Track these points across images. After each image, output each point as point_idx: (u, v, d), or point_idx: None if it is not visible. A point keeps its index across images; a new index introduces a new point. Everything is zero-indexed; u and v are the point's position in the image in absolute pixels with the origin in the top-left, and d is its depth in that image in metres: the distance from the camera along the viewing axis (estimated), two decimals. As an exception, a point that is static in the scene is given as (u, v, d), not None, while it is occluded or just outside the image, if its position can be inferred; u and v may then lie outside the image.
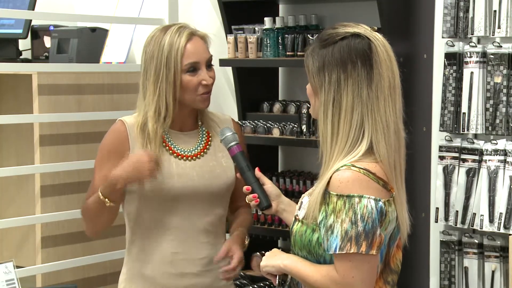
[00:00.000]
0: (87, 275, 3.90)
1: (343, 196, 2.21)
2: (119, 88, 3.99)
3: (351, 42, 2.29)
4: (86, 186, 2.89)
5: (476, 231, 3.25)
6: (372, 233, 2.21)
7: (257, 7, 3.77)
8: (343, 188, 2.22)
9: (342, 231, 2.20)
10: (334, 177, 2.24)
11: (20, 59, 4.26)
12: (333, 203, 2.23)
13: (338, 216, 2.21)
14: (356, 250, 2.20)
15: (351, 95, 2.26)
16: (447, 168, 3.28)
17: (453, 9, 3.23)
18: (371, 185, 2.23)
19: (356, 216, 2.20)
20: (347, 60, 2.27)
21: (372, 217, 2.21)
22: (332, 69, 2.27)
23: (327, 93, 2.28)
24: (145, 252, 2.84)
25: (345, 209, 2.21)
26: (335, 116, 2.28)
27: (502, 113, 3.14)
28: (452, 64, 3.25)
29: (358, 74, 2.27)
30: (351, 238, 2.20)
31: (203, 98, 2.81)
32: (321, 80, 2.29)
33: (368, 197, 2.21)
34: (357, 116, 2.26)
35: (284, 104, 3.74)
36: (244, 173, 2.56)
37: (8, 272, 3.13)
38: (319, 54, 2.31)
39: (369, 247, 2.21)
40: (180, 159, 2.83)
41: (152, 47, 2.80)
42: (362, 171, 2.23)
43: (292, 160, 3.87)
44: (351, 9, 3.61)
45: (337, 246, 2.21)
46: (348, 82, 2.27)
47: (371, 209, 2.21)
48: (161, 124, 2.79)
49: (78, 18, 4.37)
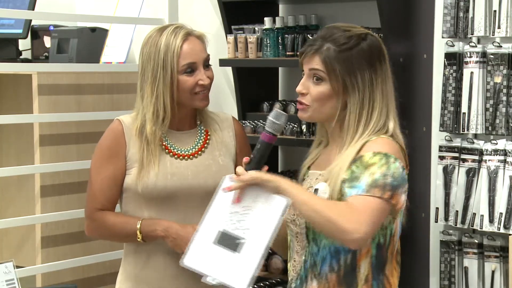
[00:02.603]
0: (87, 275, 3.90)
1: (381, 153, 2.32)
2: (119, 88, 3.99)
3: (370, 42, 2.43)
4: (85, 186, 2.89)
5: (476, 231, 3.25)
6: (399, 188, 2.31)
7: (257, 7, 3.77)
8: (380, 148, 2.33)
9: (371, 180, 2.29)
10: (368, 143, 2.35)
11: (20, 59, 4.26)
12: (366, 160, 2.31)
13: (368, 169, 2.30)
14: (380, 194, 2.28)
15: (381, 90, 2.42)
16: (447, 168, 3.28)
17: (453, 9, 3.23)
18: (401, 154, 2.37)
19: (389, 171, 2.30)
20: (375, 59, 2.42)
21: (401, 177, 2.32)
22: (363, 70, 2.39)
23: (361, 92, 2.39)
24: (141, 252, 2.84)
25: (379, 163, 2.30)
26: (368, 112, 2.40)
27: (502, 113, 3.14)
28: (452, 64, 3.25)
29: (383, 71, 2.43)
30: (378, 185, 2.28)
31: (201, 97, 2.81)
32: (353, 82, 2.39)
33: (401, 163, 2.34)
34: (384, 108, 2.43)
35: (284, 104, 3.74)
36: (252, 162, 2.43)
37: (8, 272, 3.13)
38: (344, 57, 2.39)
39: (391, 197, 2.29)
40: (176, 158, 2.83)
41: (149, 49, 2.79)
42: (394, 141, 2.38)
43: (292, 160, 3.87)
44: (351, 9, 3.61)
45: (363, 189, 2.28)
46: (378, 80, 2.41)
47: (401, 172, 2.32)
48: (160, 126, 2.78)
49: (78, 18, 4.37)
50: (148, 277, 2.83)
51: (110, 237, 2.91)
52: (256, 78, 3.85)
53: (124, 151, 2.81)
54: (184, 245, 2.72)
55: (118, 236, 2.84)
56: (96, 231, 2.87)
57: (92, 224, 2.84)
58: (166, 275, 2.82)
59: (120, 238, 2.86)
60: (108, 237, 2.93)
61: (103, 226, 2.82)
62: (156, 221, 2.77)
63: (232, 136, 2.93)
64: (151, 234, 2.76)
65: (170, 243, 2.75)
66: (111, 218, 2.81)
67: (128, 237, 2.80)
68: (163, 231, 2.75)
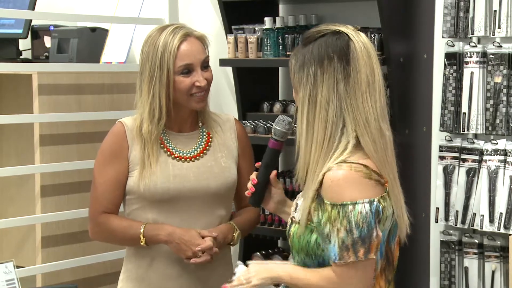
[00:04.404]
0: (87, 275, 3.89)
1: (337, 206, 2.22)
2: (119, 88, 3.99)
3: (329, 39, 2.31)
4: (86, 186, 2.90)
5: (476, 231, 3.25)
6: (369, 237, 2.22)
7: (257, 7, 3.77)
8: (335, 192, 2.22)
9: (339, 240, 2.22)
10: (326, 176, 2.24)
11: (20, 59, 4.26)
12: (327, 211, 2.24)
13: (333, 226, 2.22)
14: (354, 258, 2.22)
15: (326, 90, 2.27)
16: (447, 168, 3.28)
17: (453, 9, 3.23)
18: (364, 183, 2.23)
19: (351, 224, 2.21)
20: (324, 55, 2.28)
21: (367, 221, 2.21)
22: (310, 66, 2.29)
23: (304, 89, 2.29)
24: (143, 253, 2.84)
25: (339, 218, 2.21)
26: (311, 112, 2.28)
27: (502, 113, 3.14)
28: (452, 64, 3.25)
29: (334, 69, 2.27)
30: (348, 247, 2.21)
31: (197, 99, 2.80)
32: (300, 77, 2.30)
33: (362, 202, 2.22)
34: (333, 111, 2.26)
35: (284, 104, 3.74)
36: (261, 167, 2.56)
37: (8, 272, 3.13)
38: (300, 53, 2.33)
39: (367, 252, 2.22)
40: (178, 161, 2.82)
41: (148, 48, 2.80)
42: (353, 167, 2.23)
43: (292, 160, 3.86)
44: (351, 9, 3.61)
45: (336, 256, 2.22)
46: (324, 77, 2.27)
47: (365, 214, 2.21)
48: (156, 126, 2.78)
49: (78, 18, 4.36)
50: (150, 278, 2.83)
51: (113, 240, 2.91)
52: (256, 78, 3.85)
53: (127, 153, 2.81)
54: (188, 250, 2.72)
55: (122, 240, 2.84)
56: (100, 235, 2.87)
57: (96, 227, 2.84)
58: (167, 275, 2.82)
59: (124, 242, 2.86)
60: (112, 241, 2.93)
61: (107, 230, 2.82)
62: (160, 225, 2.77)
63: (234, 137, 2.93)
64: (154, 239, 2.76)
65: (173, 248, 2.75)
66: (115, 222, 2.81)
67: (131, 241, 2.80)
68: (166, 236, 2.75)
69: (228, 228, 2.84)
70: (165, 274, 2.82)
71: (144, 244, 2.77)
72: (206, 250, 2.73)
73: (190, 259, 2.73)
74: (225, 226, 2.84)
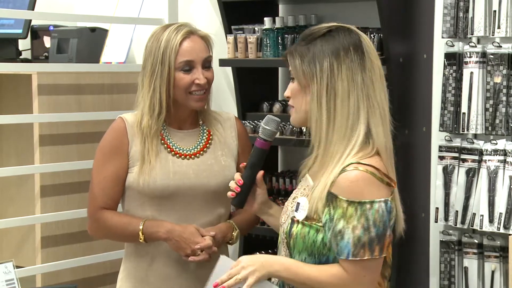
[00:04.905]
0: (87, 275, 3.90)
1: (355, 203, 2.22)
2: (119, 88, 3.99)
3: (341, 33, 2.32)
4: (86, 186, 2.89)
5: (476, 231, 3.25)
6: (384, 236, 2.24)
7: (257, 7, 3.77)
8: (353, 191, 2.23)
9: (355, 237, 2.22)
10: (341, 177, 2.25)
11: (20, 59, 4.26)
12: (342, 208, 2.23)
13: (348, 222, 2.22)
14: (369, 255, 2.23)
15: (346, 80, 2.27)
16: (447, 168, 3.28)
17: (453, 9, 3.23)
18: (377, 184, 2.25)
19: (369, 222, 2.22)
20: (340, 47, 2.29)
21: (383, 220, 2.24)
22: (323, 58, 2.28)
23: (319, 82, 2.28)
24: (142, 252, 2.84)
25: (356, 215, 2.22)
26: (331, 102, 2.28)
27: (502, 113, 3.14)
28: (452, 64, 3.25)
29: (351, 60, 2.28)
30: (364, 245, 2.22)
31: (196, 98, 2.80)
32: (312, 71, 2.29)
33: (379, 201, 2.24)
34: (354, 100, 2.27)
35: (284, 104, 3.74)
36: (247, 167, 2.56)
37: (8, 272, 3.13)
38: (304, 49, 2.32)
39: (381, 251, 2.24)
40: (178, 158, 2.83)
41: (151, 43, 2.82)
42: (368, 170, 2.24)
43: (292, 160, 3.87)
44: (351, 9, 3.61)
45: (350, 253, 2.23)
46: (342, 67, 2.28)
47: (382, 213, 2.23)
48: (156, 120, 2.79)
49: (78, 18, 4.37)
50: (150, 277, 2.83)
51: (112, 237, 2.91)
52: (256, 78, 3.85)
53: (127, 149, 2.81)
54: (187, 248, 2.72)
55: (121, 236, 2.84)
56: (99, 231, 2.87)
57: (94, 223, 2.85)
58: (166, 274, 2.82)
59: (122, 238, 2.86)
60: (111, 237, 2.93)
61: (106, 226, 2.82)
62: (159, 222, 2.77)
63: (235, 136, 2.93)
64: (153, 236, 2.76)
65: (172, 245, 2.75)
66: (114, 218, 2.81)
67: (130, 237, 2.80)
68: (165, 233, 2.75)
69: (227, 227, 2.84)
70: (164, 273, 2.82)
71: (143, 240, 2.77)
72: (205, 248, 2.73)
73: (189, 257, 2.74)
74: (224, 225, 2.85)
